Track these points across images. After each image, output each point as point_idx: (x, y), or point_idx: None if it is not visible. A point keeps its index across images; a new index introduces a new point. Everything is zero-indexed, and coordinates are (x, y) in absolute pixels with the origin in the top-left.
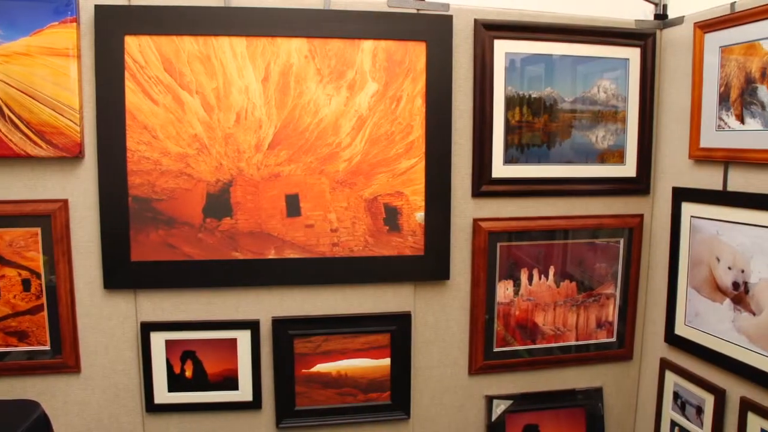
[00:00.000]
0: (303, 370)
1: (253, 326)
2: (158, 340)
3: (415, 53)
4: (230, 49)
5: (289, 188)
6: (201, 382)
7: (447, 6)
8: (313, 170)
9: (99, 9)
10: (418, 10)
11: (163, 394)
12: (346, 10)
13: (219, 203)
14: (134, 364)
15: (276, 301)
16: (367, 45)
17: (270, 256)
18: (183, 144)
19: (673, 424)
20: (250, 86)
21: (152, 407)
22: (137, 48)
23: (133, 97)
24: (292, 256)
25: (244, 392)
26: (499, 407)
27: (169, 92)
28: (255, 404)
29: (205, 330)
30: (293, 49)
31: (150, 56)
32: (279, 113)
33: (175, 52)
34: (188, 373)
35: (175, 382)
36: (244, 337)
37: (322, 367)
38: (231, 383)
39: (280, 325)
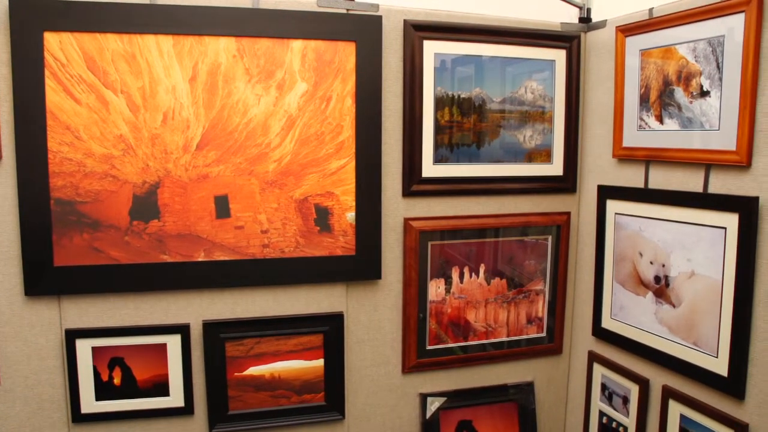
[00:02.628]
0: (235, 374)
1: (183, 330)
2: (84, 348)
3: (345, 53)
4: (156, 47)
5: (218, 189)
6: (130, 390)
7: (376, 6)
8: (243, 171)
9: (14, 2)
10: (347, 10)
11: (90, 404)
12: (275, 9)
13: (146, 205)
14: (59, 373)
15: (206, 304)
16: (297, 45)
17: (199, 259)
18: (108, 145)
19: (602, 414)
20: (178, 86)
21: (79, 417)
22: (58, 45)
23: (54, 96)
24: (222, 258)
25: (175, 398)
26: (433, 404)
27: (92, 91)
28: (187, 410)
29: (133, 335)
30: (221, 48)
31: (72, 54)
32: (207, 113)
33: (99, 50)
34: (117, 381)
35: (103, 391)
36: (174, 342)
37: (254, 370)
38: (161, 389)
39: (211, 328)
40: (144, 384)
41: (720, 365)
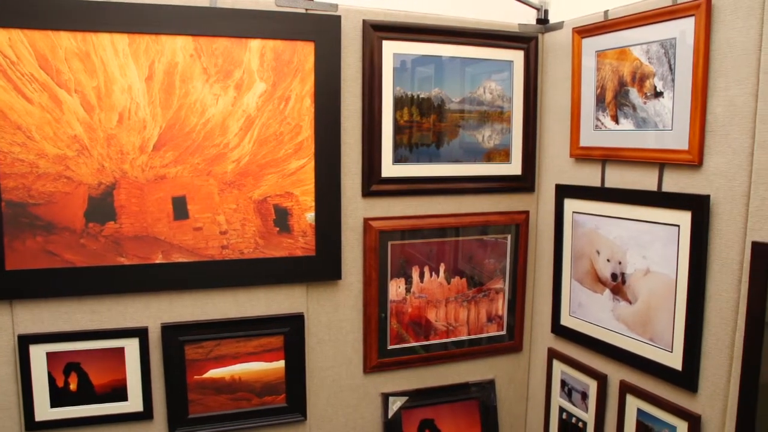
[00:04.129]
0: (195, 377)
1: (141, 334)
2: (39, 353)
3: (304, 53)
4: (111, 46)
5: (176, 190)
6: (87, 395)
7: (335, 6)
8: (201, 172)
9: None
10: (306, 9)
11: (45, 411)
12: (233, 8)
13: (102, 207)
14: (11, 380)
15: (165, 306)
16: (255, 44)
17: (157, 261)
18: (62, 145)
19: (561, 410)
20: (134, 85)
21: (32, 425)
22: (7, 42)
23: (3, 94)
24: (180, 260)
25: (133, 403)
26: (395, 404)
27: (45, 90)
28: (146, 414)
29: (89, 340)
30: (178, 47)
31: (22, 51)
32: (164, 113)
33: (51, 48)
34: (72, 386)
35: (59, 397)
36: (132, 346)
37: (214, 373)
38: (119, 394)
39: (170, 331)
40: (101, 389)
41: (674, 359)
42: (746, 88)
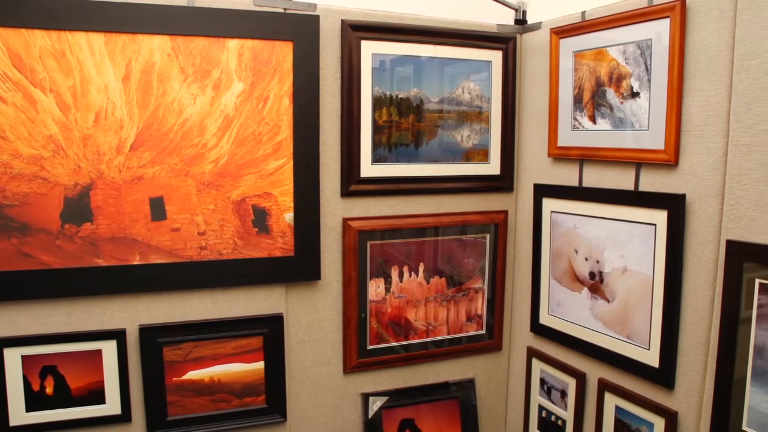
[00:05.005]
0: (174, 379)
1: (119, 336)
2: (13, 357)
3: (282, 53)
4: (87, 45)
5: (154, 191)
6: (63, 399)
7: (314, 6)
8: (179, 172)
9: None
10: (284, 9)
11: (20, 415)
12: (210, 7)
13: (78, 208)
14: None
15: (143, 308)
16: (233, 44)
17: (135, 262)
18: (37, 145)
19: (541, 408)
20: (110, 85)
21: (7, 430)
22: None
23: None
24: (158, 261)
25: (111, 405)
26: (375, 404)
27: (19, 90)
28: (124, 417)
29: (66, 342)
30: (155, 46)
31: None
32: (141, 113)
33: (25, 46)
34: (49, 390)
35: (34, 401)
36: (109, 348)
37: (193, 374)
38: (97, 397)
39: (148, 333)
40: (78, 392)
41: (651, 357)
42: (720, 89)
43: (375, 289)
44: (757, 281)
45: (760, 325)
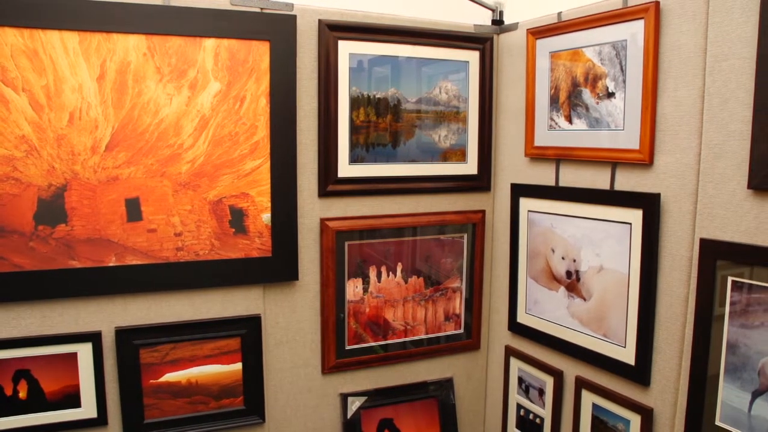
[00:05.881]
0: (151, 381)
1: (94, 338)
2: None
3: (259, 53)
4: (61, 44)
5: (129, 192)
6: (38, 403)
7: (291, 6)
8: (155, 172)
9: None
10: (261, 9)
11: None
12: (187, 6)
13: (52, 209)
14: None
15: (119, 310)
16: (209, 43)
17: (111, 264)
18: (9, 146)
19: (519, 406)
20: (85, 84)
21: None
22: None
23: None
24: (134, 262)
25: (87, 409)
26: (354, 404)
27: None
28: (100, 421)
29: (40, 346)
30: (131, 46)
31: None
32: (116, 113)
33: None
34: (22, 394)
35: (7, 406)
36: (85, 351)
37: (171, 377)
38: (72, 401)
39: (125, 335)
40: (53, 396)
41: (628, 355)
42: (693, 90)
43: (353, 289)
44: (730, 279)
45: (733, 322)
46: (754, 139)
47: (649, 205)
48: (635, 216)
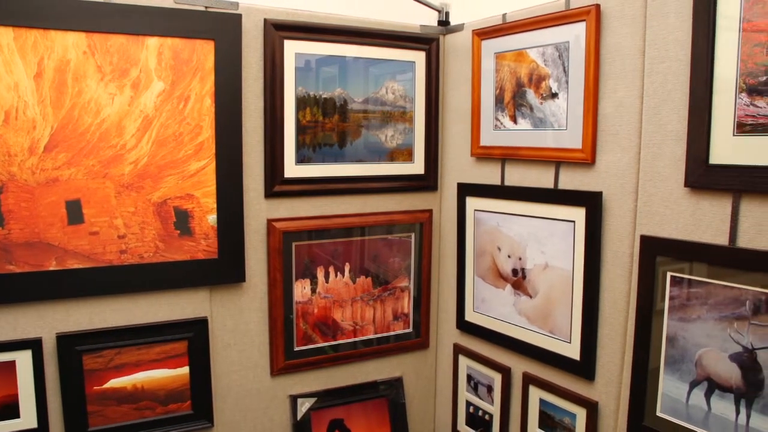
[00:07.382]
0: (95, 388)
1: (34, 345)
2: None
3: (203, 52)
4: None
5: (70, 194)
6: None
7: (236, 5)
8: (96, 174)
9: None
10: (206, 7)
11: None
12: (129, 4)
13: None
14: None
15: (60, 315)
16: (153, 42)
17: (51, 268)
18: None
19: (468, 404)
20: (21, 83)
21: None
22: None
23: None
24: (76, 266)
25: (26, 419)
26: (304, 405)
27: None
28: (41, 430)
29: None
30: (70, 44)
31: None
32: (56, 113)
33: None
34: None
35: None
36: (24, 358)
37: (115, 382)
38: (11, 411)
39: (66, 341)
40: None
41: (573, 350)
42: (633, 90)
43: (301, 290)
44: (669, 274)
45: (672, 316)
46: (689, 139)
47: (592, 203)
48: (578, 214)
